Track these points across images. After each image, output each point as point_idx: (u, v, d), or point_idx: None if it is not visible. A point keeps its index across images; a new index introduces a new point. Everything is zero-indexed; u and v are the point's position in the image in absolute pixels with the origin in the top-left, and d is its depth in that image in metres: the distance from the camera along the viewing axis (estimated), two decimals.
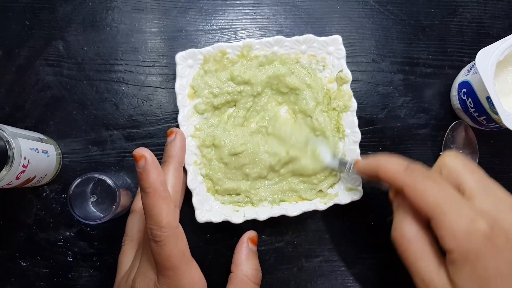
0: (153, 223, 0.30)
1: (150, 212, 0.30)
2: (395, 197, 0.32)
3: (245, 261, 0.39)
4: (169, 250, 0.30)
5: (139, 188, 0.42)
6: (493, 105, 0.38)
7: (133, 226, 0.39)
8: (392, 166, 0.31)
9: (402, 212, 0.31)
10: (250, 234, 0.41)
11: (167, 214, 0.30)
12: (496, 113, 0.38)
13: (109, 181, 0.38)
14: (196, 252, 0.43)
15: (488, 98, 0.39)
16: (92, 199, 0.40)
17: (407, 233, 0.29)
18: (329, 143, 0.41)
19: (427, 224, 0.29)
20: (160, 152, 0.44)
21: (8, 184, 0.35)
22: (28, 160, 0.36)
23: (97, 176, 0.39)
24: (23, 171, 0.36)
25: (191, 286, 0.32)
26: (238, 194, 0.42)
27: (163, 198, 0.31)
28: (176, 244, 0.31)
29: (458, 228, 0.26)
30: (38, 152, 0.38)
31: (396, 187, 0.30)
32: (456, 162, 0.30)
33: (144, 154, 0.31)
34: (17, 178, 0.35)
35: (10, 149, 0.34)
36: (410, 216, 0.30)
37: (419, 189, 0.28)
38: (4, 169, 0.33)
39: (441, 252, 0.28)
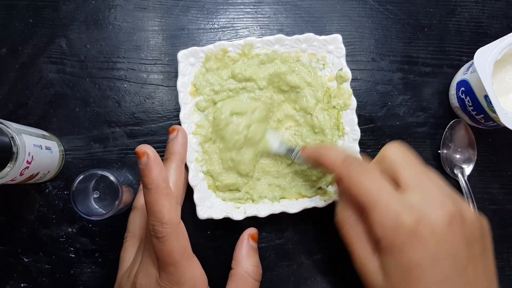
0: (155, 219, 0.31)
1: (152, 209, 0.31)
2: (338, 183, 0.34)
3: (246, 257, 0.39)
4: (171, 246, 0.31)
5: (141, 185, 0.42)
6: (491, 103, 0.38)
7: (135, 222, 0.40)
8: (331, 157, 0.33)
9: (343, 198, 0.33)
10: (251, 231, 0.42)
11: (169, 210, 0.31)
12: (494, 112, 0.39)
13: (112, 178, 0.39)
14: (197, 249, 0.44)
15: (486, 97, 0.40)
16: (95, 195, 0.41)
17: (347, 218, 0.32)
18: (278, 133, 0.43)
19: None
20: (162, 149, 0.44)
21: (12, 180, 0.36)
22: (32, 156, 0.36)
23: (100, 172, 0.39)
24: (27, 167, 0.36)
25: (192, 282, 0.33)
26: (239, 190, 0.43)
27: (165, 194, 0.31)
28: (177, 240, 0.31)
29: (386, 221, 0.28)
30: (41, 148, 0.38)
31: (336, 176, 0.33)
32: (396, 154, 0.32)
33: (147, 151, 0.31)
34: (21, 174, 0.36)
35: (15, 145, 0.34)
36: (350, 204, 0.32)
37: (353, 181, 0.30)
38: (8, 165, 0.34)
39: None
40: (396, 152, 0.32)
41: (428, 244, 0.27)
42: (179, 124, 0.41)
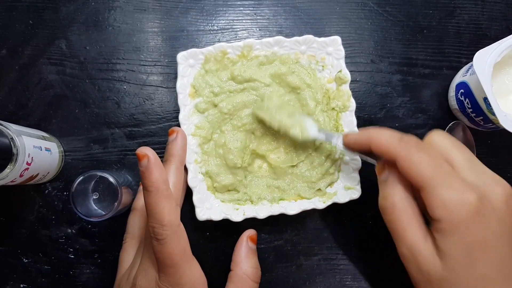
0: (155, 221, 0.31)
1: (152, 211, 0.31)
2: (383, 170, 0.33)
3: (245, 259, 0.39)
4: (171, 248, 0.31)
5: (140, 186, 0.43)
6: (490, 106, 0.38)
7: (134, 224, 0.40)
8: (385, 137, 0.31)
9: (392, 182, 0.31)
10: (250, 232, 0.42)
11: (169, 212, 0.31)
12: (493, 114, 0.39)
13: (111, 179, 0.39)
14: (196, 250, 0.44)
15: (486, 99, 0.40)
16: (94, 197, 0.41)
17: (397, 202, 0.30)
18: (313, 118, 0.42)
19: (414, 196, 0.31)
20: (161, 151, 0.45)
21: (12, 181, 0.36)
22: (32, 157, 0.36)
23: (99, 173, 0.39)
24: (27, 169, 0.36)
25: (192, 283, 0.33)
26: (237, 191, 0.43)
27: (165, 196, 0.31)
28: (177, 242, 0.31)
29: (450, 199, 0.27)
30: (41, 149, 0.38)
31: (389, 158, 0.30)
32: (444, 140, 0.31)
33: (147, 153, 0.31)
34: (20, 176, 0.36)
35: (15, 147, 0.34)
36: (401, 186, 0.31)
37: (413, 160, 0.29)
38: (8, 167, 0.34)
39: (425, 221, 0.30)
40: (444, 139, 0.31)
41: (491, 222, 0.27)
42: (179, 125, 0.41)
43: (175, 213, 0.32)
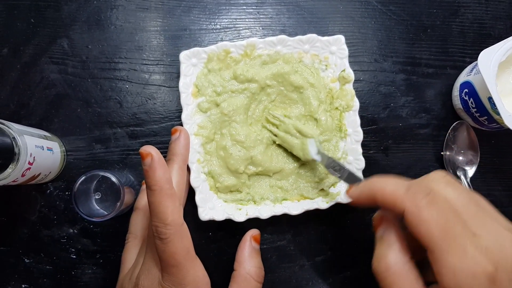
0: (159, 220, 0.30)
1: (156, 210, 0.31)
2: (380, 223, 0.30)
3: (248, 259, 0.39)
4: (174, 247, 0.31)
5: (143, 186, 0.42)
6: (495, 105, 0.38)
7: (137, 223, 0.39)
8: (391, 187, 0.28)
9: (387, 241, 0.28)
10: (253, 232, 0.41)
11: (173, 211, 0.31)
12: (498, 114, 0.38)
13: (113, 179, 0.39)
14: (198, 250, 0.43)
15: (490, 99, 0.39)
16: (96, 197, 0.41)
17: (394, 265, 0.27)
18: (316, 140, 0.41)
19: (413, 249, 0.28)
20: (164, 150, 0.44)
21: (14, 181, 0.35)
22: (34, 157, 0.36)
23: (101, 173, 0.39)
24: (29, 168, 0.36)
25: (195, 283, 0.32)
26: (240, 191, 0.43)
27: (168, 195, 0.31)
28: (180, 241, 0.31)
29: (461, 268, 0.24)
30: (43, 149, 0.38)
31: (396, 211, 0.27)
32: (448, 191, 0.27)
33: (151, 152, 0.31)
34: (22, 175, 0.36)
35: (17, 146, 0.34)
36: (398, 246, 0.28)
37: (422, 216, 0.25)
38: (10, 166, 0.34)
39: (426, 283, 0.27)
40: (447, 189, 0.27)
41: None
42: (181, 125, 0.41)
43: (178, 212, 0.31)
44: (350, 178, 0.37)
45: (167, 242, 0.30)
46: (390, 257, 0.28)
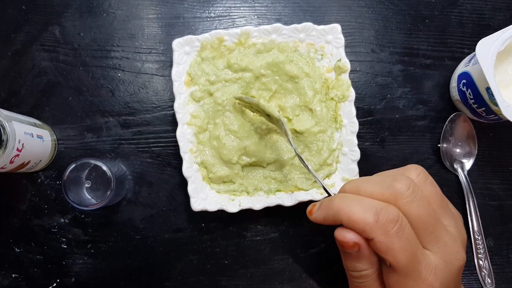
0: None
1: None
2: (354, 245, 0.28)
3: None
4: None
5: None
6: (493, 96, 0.37)
7: None
8: (359, 215, 0.26)
9: (364, 259, 0.28)
10: None
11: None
12: (496, 104, 0.38)
13: (104, 167, 0.38)
14: (191, 241, 0.43)
15: (488, 89, 0.39)
16: (87, 185, 0.40)
17: (367, 276, 0.29)
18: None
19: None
20: (156, 140, 0.44)
21: (2, 168, 0.35)
22: (23, 144, 0.35)
23: (93, 162, 0.38)
24: (17, 155, 0.35)
25: None
26: (233, 182, 0.42)
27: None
28: None
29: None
30: (33, 136, 0.37)
31: (364, 237, 0.27)
32: (413, 208, 0.27)
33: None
34: (11, 162, 0.35)
35: (4, 133, 0.33)
36: (374, 260, 0.28)
37: (391, 246, 0.26)
38: None
39: None
40: (414, 205, 0.27)
41: None
42: (173, 114, 0.40)
43: None
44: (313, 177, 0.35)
45: None
46: (367, 272, 0.29)
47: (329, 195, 0.32)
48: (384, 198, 0.27)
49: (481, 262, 0.44)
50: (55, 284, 0.42)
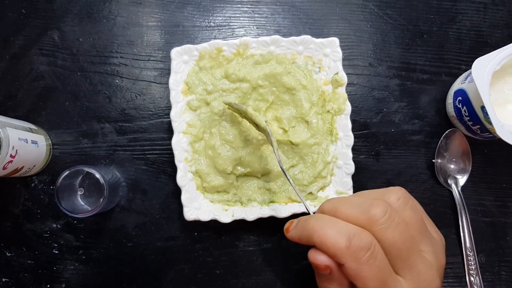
0: None
1: None
2: (326, 268, 0.28)
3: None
4: None
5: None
6: (488, 114, 0.37)
7: None
8: (332, 240, 0.26)
9: (335, 282, 0.28)
10: None
11: None
12: (490, 123, 0.38)
13: (97, 175, 0.38)
14: (183, 250, 0.43)
15: (483, 108, 0.39)
16: (80, 192, 0.40)
17: None
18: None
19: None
20: (152, 147, 0.44)
21: None
22: (16, 150, 0.35)
23: (86, 169, 0.38)
24: (11, 161, 0.35)
25: None
26: (227, 192, 0.42)
27: None
28: None
29: None
30: (27, 142, 0.37)
31: (335, 261, 0.27)
32: (388, 235, 0.27)
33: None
34: (4, 168, 0.35)
35: None
36: (345, 284, 0.28)
37: (362, 274, 0.26)
38: None
39: None
40: (389, 232, 0.27)
41: None
42: (170, 122, 0.40)
43: None
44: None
45: None
46: None
47: (308, 213, 0.32)
48: (359, 223, 0.27)
49: (472, 279, 0.44)
50: None
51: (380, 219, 0.27)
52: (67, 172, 0.37)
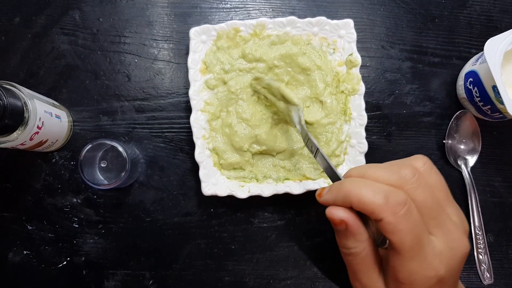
0: None
1: None
2: (359, 228, 0.30)
3: None
4: None
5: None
6: (499, 94, 0.38)
7: None
8: (369, 198, 0.27)
9: (361, 236, 0.30)
10: None
11: None
12: (502, 103, 0.39)
13: (120, 148, 0.39)
14: (200, 225, 0.44)
15: (494, 87, 0.40)
16: (102, 165, 0.41)
17: (361, 252, 0.30)
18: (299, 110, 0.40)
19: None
20: (170, 126, 0.45)
21: (22, 144, 0.36)
22: (43, 122, 0.37)
23: (109, 142, 0.39)
24: (37, 132, 0.36)
25: None
26: (243, 169, 0.43)
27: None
28: None
29: (417, 273, 0.28)
30: (52, 116, 0.39)
31: (372, 218, 0.28)
32: (419, 194, 0.28)
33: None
34: (31, 139, 0.36)
35: (27, 110, 0.34)
36: (370, 240, 0.30)
37: (399, 227, 0.27)
38: (19, 128, 0.34)
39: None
40: (419, 191, 0.28)
41: None
42: (188, 101, 0.41)
43: None
44: (323, 163, 0.35)
45: None
46: (363, 248, 0.30)
47: (339, 179, 0.33)
48: (390, 184, 0.28)
49: (481, 257, 0.45)
50: (65, 262, 0.43)
51: (410, 179, 0.28)
52: (90, 145, 0.38)
